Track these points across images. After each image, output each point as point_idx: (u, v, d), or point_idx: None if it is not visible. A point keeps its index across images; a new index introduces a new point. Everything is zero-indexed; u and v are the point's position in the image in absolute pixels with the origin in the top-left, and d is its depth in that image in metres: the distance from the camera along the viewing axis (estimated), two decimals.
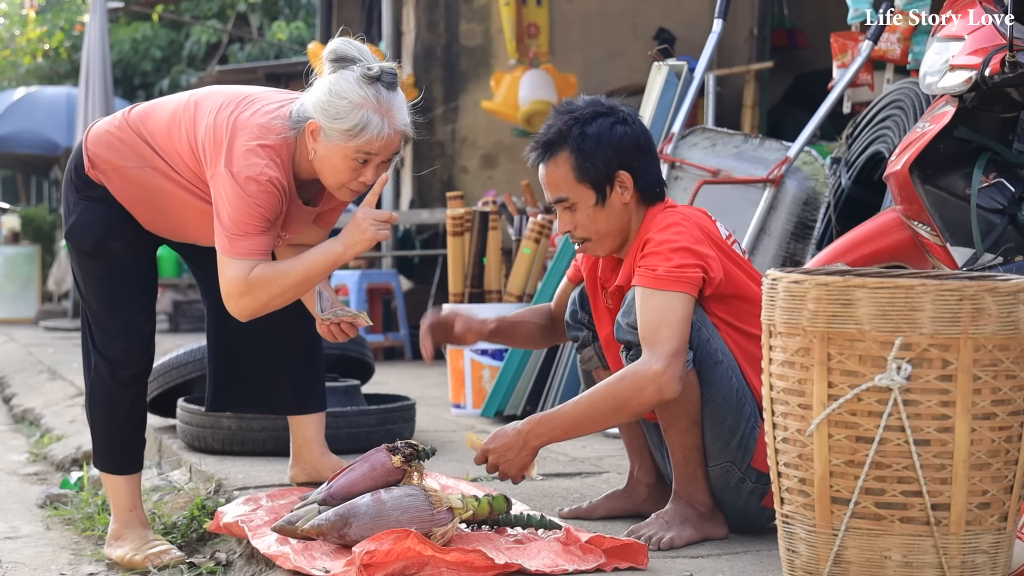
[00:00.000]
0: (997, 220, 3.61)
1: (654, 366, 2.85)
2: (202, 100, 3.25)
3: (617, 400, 2.89)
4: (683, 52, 6.64)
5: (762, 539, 3.05)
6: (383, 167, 3.16)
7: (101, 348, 3.37)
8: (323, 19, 11.60)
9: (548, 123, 3.08)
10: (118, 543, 3.44)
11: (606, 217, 3.05)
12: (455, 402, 5.34)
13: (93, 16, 10.77)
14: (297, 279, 3.15)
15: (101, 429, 3.44)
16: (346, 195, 3.21)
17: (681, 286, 2.91)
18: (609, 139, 3.02)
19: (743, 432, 3.00)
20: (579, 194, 3.05)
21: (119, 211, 3.32)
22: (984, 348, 2.31)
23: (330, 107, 3.07)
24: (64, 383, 7.10)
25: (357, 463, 3.06)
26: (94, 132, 3.34)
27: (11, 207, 12.24)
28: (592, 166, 3.02)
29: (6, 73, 19.21)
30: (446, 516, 2.89)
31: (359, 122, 3.05)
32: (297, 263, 3.16)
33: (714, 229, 3.06)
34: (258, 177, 3.08)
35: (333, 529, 2.88)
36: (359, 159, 3.10)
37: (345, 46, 3.13)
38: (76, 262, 3.40)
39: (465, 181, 9.49)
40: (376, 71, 3.08)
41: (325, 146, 3.10)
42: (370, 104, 3.06)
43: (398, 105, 3.11)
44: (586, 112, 3.05)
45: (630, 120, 3.07)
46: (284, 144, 3.14)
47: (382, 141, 3.08)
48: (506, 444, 2.99)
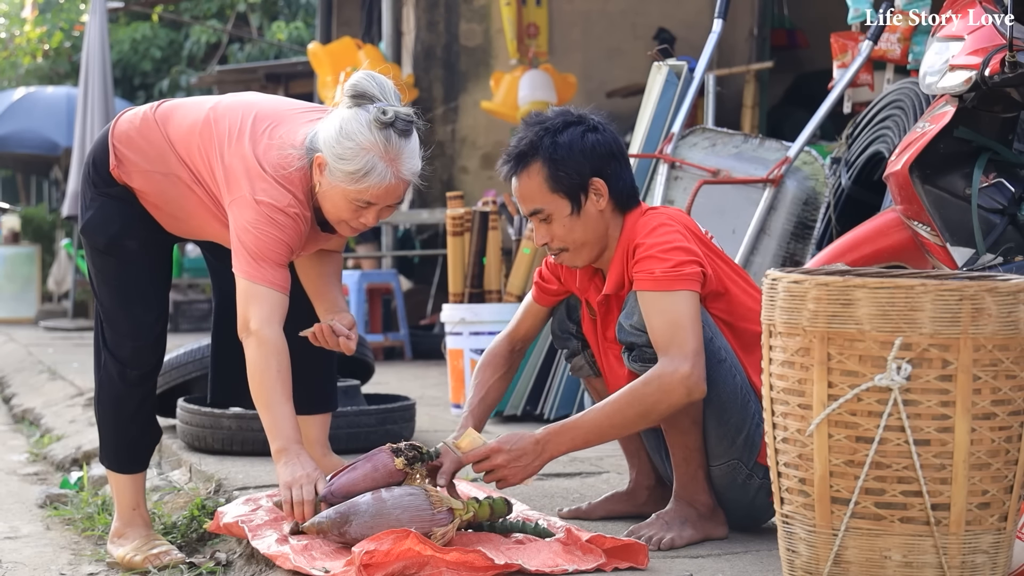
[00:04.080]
0: (997, 220, 3.61)
1: (681, 368, 2.83)
2: (219, 119, 3.18)
3: (644, 405, 2.86)
4: (683, 52, 6.63)
5: (762, 539, 3.05)
6: (386, 212, 3.12)
7: (111, 346, 3.37)
8: (323, 19, 11.59)
9: (519, 135, 3.06)
10: (120, 541, 3.44)
11: (583, 226, 3.03)
12: (455, 402, 5.34)
13: (93, 16, 10.77)
14: (267, 397, 3.06)
15: (108, 427, 3.44)
16: (346, 230, 3.17)
17: (684, 284, 2.90)
18: (581, 147, 3.00)
19: (748, 429, 3.00)
20: (554, 204, 3.02)
21: (136, 209, 3.30)
22: (984, 348, 2.31)
23: (338, 146, 3.02)
24: (64, 383, 7.10)
25: (360, 462, 3.04)
26: (122, 130, 3.29)
27: (11, 207, 12.24)
28: (566, 175, 2.99)
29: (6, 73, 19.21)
30: (446, 516, 2.89)
31: (363, 167, 3.00)
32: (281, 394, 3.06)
33: (697, 228, 3.06)
34: (286, 208, 3.06)
35: (333, 527, 2.88)
36: (359, 203, 3.07)
37: (367, 82, 3.06)
38: (90, 258, 3.38)
39: (465, 181, 9.50)
40: (390, 116, 3.00)
41: (329, 183, 3.06)
42: (377, 150, 3.00)
43: (408, 153, 3.05)
44: (556, 122, 3.03)
45: (601, 128, 3.04)
46: (302, 175, 3.11)
47: (383, 189, 3.03)
48: (522, 450, 2.93)
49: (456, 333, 5.36)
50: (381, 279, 8.24)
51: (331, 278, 3.42)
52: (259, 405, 3.10)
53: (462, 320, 5.34)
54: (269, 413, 3.08)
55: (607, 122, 3.08)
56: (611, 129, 3.07)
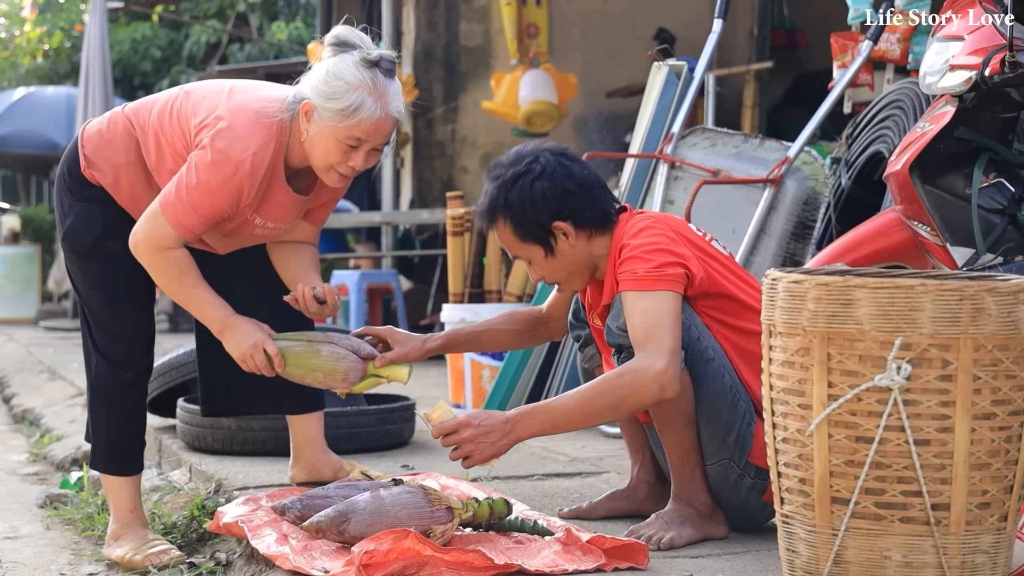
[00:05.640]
0: (997, 220, 3.61)
1: (656, 364, 2.84)
2: (195, 89, 3.30)
3: (615, 396, 2.88)
4: (683, 52, 6.63)
5: (762, 539, 3.05)
6: (373, 156, 3.19)
7: (103, 350, 3.37)
8: (323, 19, 11.59)
9: (484, 191, 3.12)
10: (118, 543, 3.43)
11: (562, 263, 3.09)
12: (455, 402, 5.34)
13: (93, 16, 10.77)
14: (182, 293, 3.24)
15: (102, 430, 3.44)
16: (334, 179, 3.22)
17: (665, 284, 2.91)
18: (532, 200, 3.03)
19: (739, 428, 3.01)
20: (529, 252, 3.09)
21: (115, 210, 3.32)
22: (984, 348, 2.31)
23: (326, 87, 3.12)
24: (64, 383, 7.10)
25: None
26: (87, 132, 3.36)
27: (11, 207, 12.24)
28: (527, 228, 3.05)
29: (6, 73, 19.20)
30: (445, 514, 2.89)
31: (353, 103, 3.10)
32: (194, 287, 3.23)
33: (687, 230, 3.06)
34: (239, 164, 3.11)
35: (332, 525, 2.88)
36: (350, 143, 3.13)
37: (347, 32, 3.19)
38: (75, 264, 3.38)
39: (465, 181, 9.49)
40: (375, 56, 3.13)
41: (318, 127, 3.14)
42: (366, 87, 3.11)
43: (393, 92, 3.16)
44: (507, 177, 3.06)
45: (547, 172, 3.04)
46: (278, 127, 3.18)
47: (373, 124, 3.12)
48: (490, 426, 2.91)
49: None
50: (381, 279, 8.24)
51: (309, 268, 3.48)
52: (183, 303, 3.28)
53: (462, 320, 5.34)
54: (195, 305, 3.26)
55: (555, 161, 3.05)
56: (559, 168, 3.04)
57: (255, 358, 3.22)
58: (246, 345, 3.22)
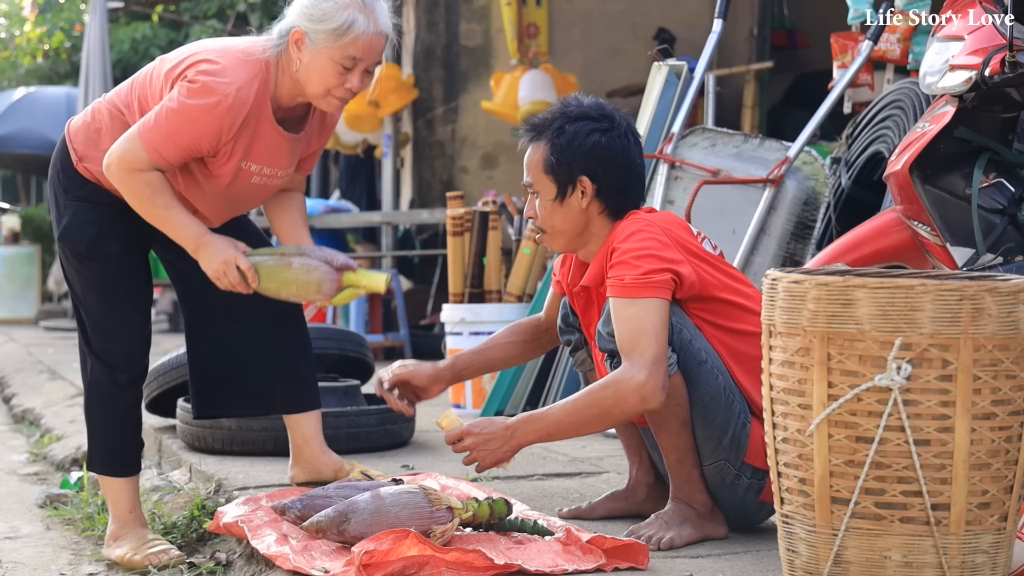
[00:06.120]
0: (997, 220, 3.61)
1: (637, 376, 2.85)
2: (172, 52, 3.32)
3: (600, 408, 2.91)
4: (683, 52, 6.63)
5: (762, 539, 3.05)
6: (367, 77, 3.20)
7: (99, 352, 3.36)
8: None
9: (547, 110, 3.14)
10: (117, 543, 3.43)
11: (562, 215, 3.08)
12: (455, 402, 5.34)
13: (93, 16, 10.77)
14: (154, 214, 3.21)
15: (99, 432, 3.44)
16: (332, 104, 3.23)
17: (651, 291, 2.91)
18: (581, 143, 3.04)
19: (734, 429, 3.01)
20: (543, 184, 3.09)
21: (110, 209, 3.31)
22: (984, 348, 2.31)
23: (315, 10, 3.15)
24: (64, 383, 7.10)
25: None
26: (73, 127, 3.35)
27: (11, 207, 12.23)
28: (557, 162, 3.05)
29: (6, 73, 19.20)
30: (445, 514, 2.89)
31: (345, 20, 3.13)
32: (167, 207, 3.20)
33: (682, 233, 3.05)
34: (221, 98, 3.11)
35: (332, 525, 2.88)
36: (345, 63, 3.15)
37: None
38: (72, 265, 3.37)
39: (465, 181, 9.49)
40: None
41: (311, 52, 3.16)
42: (355, 4, 3.15)
43: (380, 9, 3.20)
44: (576, 111, 3.08)
45: (614, 133, 3.06)
46: (264, 65, 3.20)
47: (367, 40, 3.14)
48: (491, 434, 2.99)
49: (456, 333, 5.36)
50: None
51: (299, 223, 3.51)
52: (157, 224, 3.23)
53: (462, 320, 5.35)
54: (168, 225, 3.23)
55: (628, 130, 3.08)
56: (625, 139, 3.07)
57: (228, 274, 3.20)
58: (218, 261, 3.20)
